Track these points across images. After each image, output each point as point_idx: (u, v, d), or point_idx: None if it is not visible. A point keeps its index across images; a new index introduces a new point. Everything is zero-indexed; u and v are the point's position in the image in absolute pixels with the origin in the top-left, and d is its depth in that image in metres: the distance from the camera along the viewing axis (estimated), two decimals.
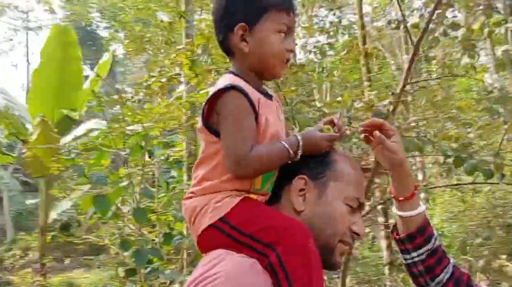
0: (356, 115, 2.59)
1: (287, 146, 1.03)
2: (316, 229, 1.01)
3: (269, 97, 1.15)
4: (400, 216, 1.15)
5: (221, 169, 1.04)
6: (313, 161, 1.07)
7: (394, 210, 1.19)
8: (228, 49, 1.11)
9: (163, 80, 3.53)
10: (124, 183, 2.83)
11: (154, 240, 3.00)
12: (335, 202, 1.05)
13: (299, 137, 1.05)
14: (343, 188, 1.06)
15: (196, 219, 1.06)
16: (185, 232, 3.04)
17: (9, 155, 7.63)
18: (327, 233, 1.03)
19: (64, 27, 6.10)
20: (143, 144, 3.12)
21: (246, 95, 1.03)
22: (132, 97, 3.67)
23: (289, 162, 1.05)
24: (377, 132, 1.12)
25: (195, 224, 1.07)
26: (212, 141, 1.06)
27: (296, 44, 1.27)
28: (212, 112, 1.05)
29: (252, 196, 1.07)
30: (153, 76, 3.48)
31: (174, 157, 3.50)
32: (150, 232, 3.12)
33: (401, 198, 1.13)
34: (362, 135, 1.17)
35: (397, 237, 1.17)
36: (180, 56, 3.13)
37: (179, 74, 3.41)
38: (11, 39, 21.94)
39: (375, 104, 2.63)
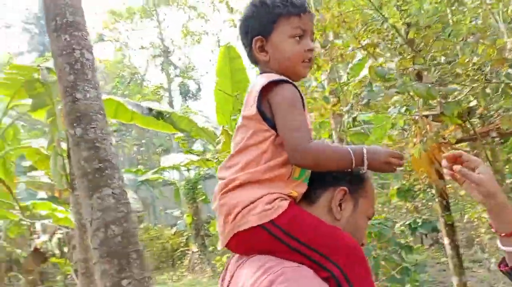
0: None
1: (351, 152, 1.06)
2: None
3: None
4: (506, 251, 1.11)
5: (268, 155, 1.09)
6: (352, 176, 1.14)
7: (498, 243, 1.13)
8: (253, 60, 1.24)
9: None
10: None
11: None
12: (362, 217, 1.15)
13: (365, 150, 1.07)
14: (368, 205, 1.16)
15: (238, 215, 1.06)
16: None
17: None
18: None
19: (229, 45, 7.04)
20: None
21: (298, 89, 1.12)
22: None
23: (349, 169, 1.08)
24: (457, 167, 1.09)
25: (235, 221, 1.06)
26: (263, 129, 1.10)
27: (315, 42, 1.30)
28: (263, 102, 1.11)
29: (293, 193, 1.12)
30: None
31: None
32: None
33: (502, 234, 1.08)
34: (448, 174, 1.14)
35: (506, 269, 1.13)
36: None
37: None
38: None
39: None
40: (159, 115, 7.14)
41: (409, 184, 4.70)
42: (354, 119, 3.22)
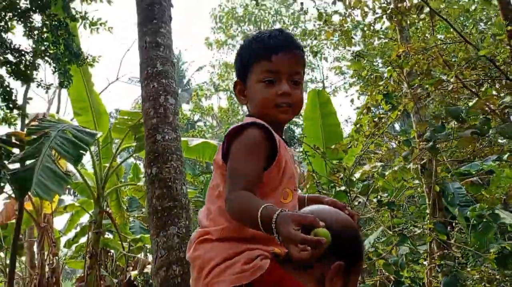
0: None
1: (260, 215, 0.90)
2: None
3: (287, 144, 1.16)
4: None
5: None
6: (352, 252, 1.04)
7: None
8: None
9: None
10: None
11: None
12: None
13: (275, 217, 0.88)
14: (356, 283, 1.07)
15: (212, 272, 0.99)
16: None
17: None
18: None
19: (318, 90, 7.00)
20: None
21: (268, 131, 1.05)
22: None
23: (263, 232, 0.92)
24: None
25: (209, 277, 1.00)
26: None
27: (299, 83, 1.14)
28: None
29: (276, 250, 1.02)
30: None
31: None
32: None
33: None
34: None
35: None
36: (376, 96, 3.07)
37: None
38: None
39: None
40: None
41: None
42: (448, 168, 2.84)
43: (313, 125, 6.69)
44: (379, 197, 2.92)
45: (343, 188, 3.04)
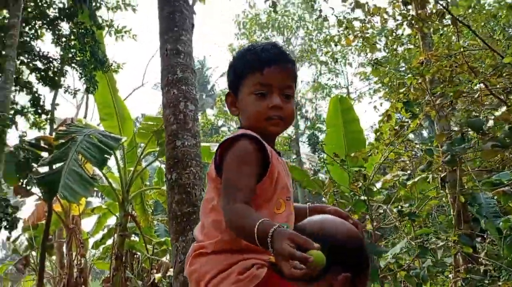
0: None
1: (257, 228, 0.89)
2: None
3: (279, 154, 1.16)
4: None
5: None
6: (359, 262, 1.03)
7: None
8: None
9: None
10: None
11: None
12: None
13: (271, 232, 0.87)
14: None
15: (208, 285, 0.99)
16: None
17: None
18: None
19: (340, 96, 6.90)
20: None
21: (260, 142, 1.06)
22: None
23: (259, 246, 0.90)
24: None
25: None
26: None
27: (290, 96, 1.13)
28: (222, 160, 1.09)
29: (272, 259, 0.99)
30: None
31: None
32: None
33: None
34: None
35: None
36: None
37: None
38: None
39: None
40: None
41: None
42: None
43: (335, 132, 6.60)
44: (399, 207, 2.84)
45: (362, 197, 2.98)
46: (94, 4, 5.81)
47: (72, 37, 5.78)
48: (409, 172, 3.61)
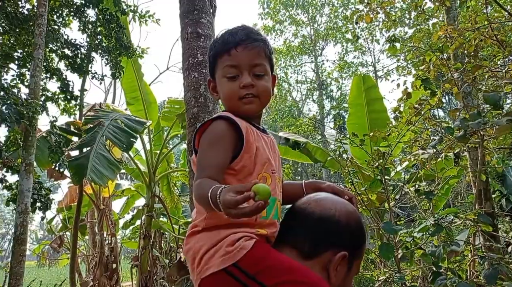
0: None
1: (210, 193, 0.91)
2: None
3: (264, 132, 1.22)
4: None
5: None
6: (356, 239, 1.08)
7: None
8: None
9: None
10: None
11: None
12: (352, 277, 1.09)
13: (219, 192, 0.88)
14: (359, 267, 1.10)
15: (202, 260, 1.02)
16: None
17: None
18: None
19: (363, 75, 6.79)
20: None
21: (233, 122, 1.10)
22: None
23: (216, 210, 0.91)
24: None
25: (200, 266, 1.03)
26: None
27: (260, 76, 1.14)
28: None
29: (261, 231, 1.05)
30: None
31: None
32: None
33: None
34: None
35: None
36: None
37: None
38: None
39: None
40: (296, 145, 7.28)
41: None
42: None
43: (358, 112, 6.54)
44: (417, 185, 2.84)
45: (379, 177, 2.98)
46: None
47: (98, 23, 5.92)
48: (430, 150, 3.57)
